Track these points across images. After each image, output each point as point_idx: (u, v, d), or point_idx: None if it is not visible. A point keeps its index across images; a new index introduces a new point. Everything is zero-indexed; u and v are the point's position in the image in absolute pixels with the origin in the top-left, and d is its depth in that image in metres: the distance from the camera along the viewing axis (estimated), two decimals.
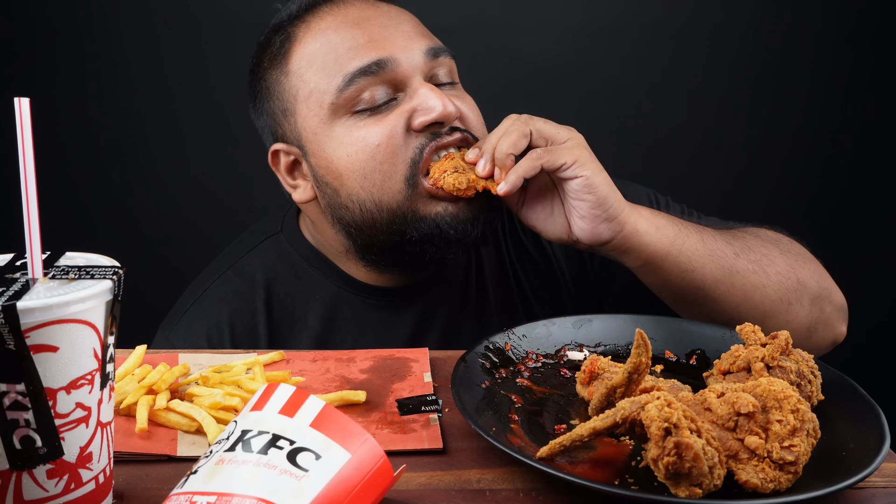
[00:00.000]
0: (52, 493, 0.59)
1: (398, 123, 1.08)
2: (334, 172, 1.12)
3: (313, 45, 1.13)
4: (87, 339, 0.59)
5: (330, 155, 1.12)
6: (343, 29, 1.12)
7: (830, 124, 2.52)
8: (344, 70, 1.09)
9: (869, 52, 2.46)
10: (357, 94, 1.09)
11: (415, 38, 1.13)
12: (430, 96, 1.08)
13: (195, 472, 0.60)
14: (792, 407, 0.69)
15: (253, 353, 0.98)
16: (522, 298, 1.28)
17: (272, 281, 1.23)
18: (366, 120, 1.09)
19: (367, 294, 1.23)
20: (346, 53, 1.10)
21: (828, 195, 2.56)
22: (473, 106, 1.17)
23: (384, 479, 0.63)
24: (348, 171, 1.11)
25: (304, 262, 1.24)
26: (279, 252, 1.26)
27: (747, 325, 0.86)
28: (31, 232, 0.60)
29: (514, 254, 1.30)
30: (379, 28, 1.12)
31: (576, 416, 0.83)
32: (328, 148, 1.12)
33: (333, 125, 1.11)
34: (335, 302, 1.23)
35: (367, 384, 0.91)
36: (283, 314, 1.22)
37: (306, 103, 1.13)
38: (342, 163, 1.11)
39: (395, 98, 1.11)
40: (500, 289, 1.28)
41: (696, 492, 0.65)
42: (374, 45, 1.10)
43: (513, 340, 0.95)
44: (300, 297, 1.23)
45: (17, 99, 0.59)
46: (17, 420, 0.56)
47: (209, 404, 0.81)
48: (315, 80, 1.11)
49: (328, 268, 1.23)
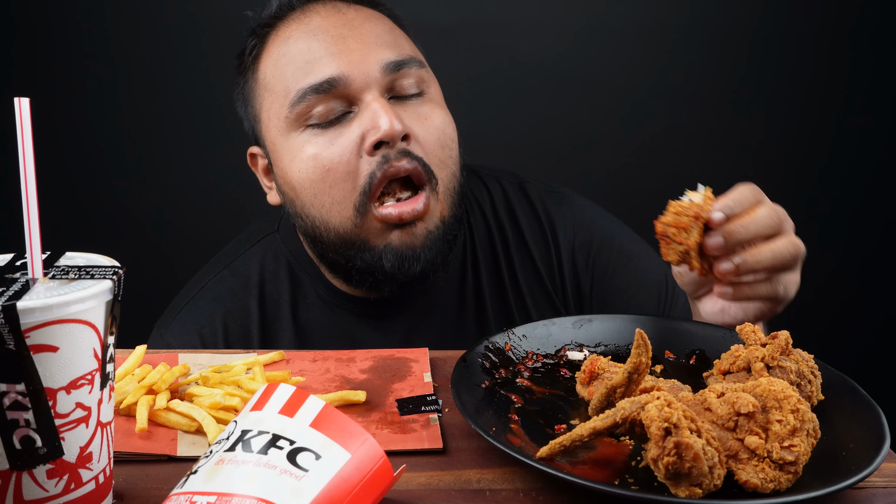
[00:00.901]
0: (52, 493, 0.59)
1: (348, 146, 1.07)
2: (289, 184, 1.13)
3: (276, 54, 1.13)
4: (87, 339, 0.59)
5: (285, 167, 1.13)
6: (302, 40, 1.11)
7: (830, 124, 2.52)
8: (298, 85, 1.09)
9: (869, 53, 2.47)
10: (308, 109, 1.08)
11: (375, 49, 1.10)
12: (378, 114, 1.06)
13: (195, 472, 0.60)
14: (792, 407, 0.69)
15: (253, 353, 0.98)
16: (522, 313, 1.26)
17: (266, 281, 1.24)
18: (318, 137, 1.09)
19: (351, 303, 1.22)
20: (302, 68, 1.09)
21: (828, 196, 2.56)
22: (436, 124, 1.12)
23: (384, 479, 0.63)
24: (301, 187, 1.11)
25: (296, 264, 1.24)
26: (274, 252, 1.26)
27: (747, 325, 0.86)
28: (31, 232, 0.60)
29: (518, 268, 1.28)
30: (337, 40, 1.10)
31: (576, 416, 0.83)
32: (284, 159, 1.12)
33: (288, 137, 1.11)
34: (324, 308, 1.22)
35: (367, 384, 0.91)
36: (276, 315, 1.22)
37: (268, 113, 1.14)
38: (295, 177, 1.11)
39: (350, 111, 1.09)
40: (499, 302, 1.27)
41: (696, 492, 0.65)
42: (328, 61, 1.08)
43: (513, 340, 0.95)
44: (292, 298, 1.23)
45: (17, 99, 0.59)
46: (17, 420, 0.56)
47: (209, 404, 0.81)
48: (274, 91, 1.12)
49: (317, 274, 1.23)
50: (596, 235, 1.31)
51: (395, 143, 1.06)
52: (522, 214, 1.31)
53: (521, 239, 1.30)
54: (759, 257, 0.90)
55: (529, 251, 1.29)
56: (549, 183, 1.39)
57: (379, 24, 1.14)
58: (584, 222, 1.32)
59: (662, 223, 0.88)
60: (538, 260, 1.29)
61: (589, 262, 1.30)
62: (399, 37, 1.16)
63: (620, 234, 1.34)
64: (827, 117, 2.51)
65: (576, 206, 1.34)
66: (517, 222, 1.31)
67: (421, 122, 1.11)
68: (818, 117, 2.51)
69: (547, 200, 1.33)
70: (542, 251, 1.29)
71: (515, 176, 1.37)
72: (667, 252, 0.89)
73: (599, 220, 1.35)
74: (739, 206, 0.89)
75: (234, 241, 1.33)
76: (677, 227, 0.87)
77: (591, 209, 1.36)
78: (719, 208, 0.88)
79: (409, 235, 1.09)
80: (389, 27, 1.15)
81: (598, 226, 1.33)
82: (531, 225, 1.31)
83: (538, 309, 1.26)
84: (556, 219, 1.31)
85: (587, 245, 1.30)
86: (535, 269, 1.28)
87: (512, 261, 1.28)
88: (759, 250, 0.90)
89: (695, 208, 0.87)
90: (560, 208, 1.33)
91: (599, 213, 1.37)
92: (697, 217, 0.87)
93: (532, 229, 1.30)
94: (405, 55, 1.12)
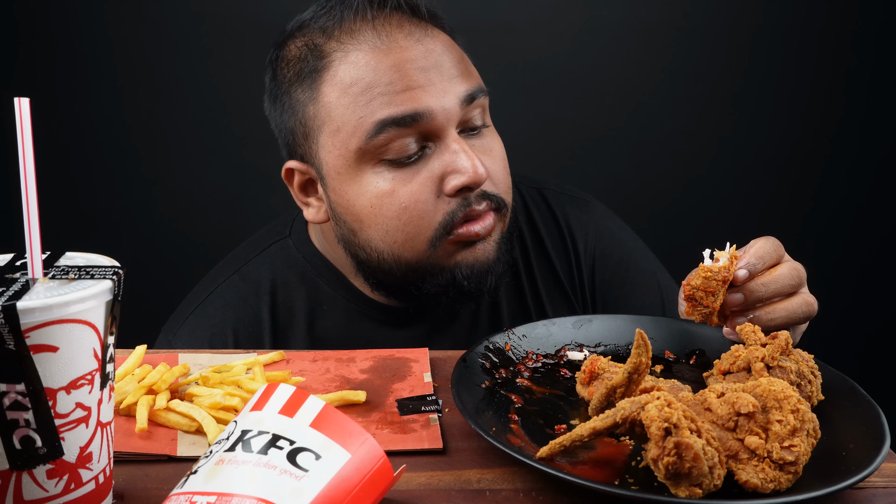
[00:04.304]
0: (52, 493, 0.59)
1: (426, 187, 1.05)
2: (354, 216, 1.09)
3: (348, 79, 1.06)
4: (87, 339, 0.59)
5: (351, 199, 1.08)
6: (381, 69, 1.05)
7: (831, 126, 2.52)
8: (376, 116, 1.04)
9: (871, 55, 2.47)
10: (386, 142, 1.04)
11: (454, 82, 1.07)
12: (461, 158, 1.04)
13: (195, 472, 0.60)
14: (792, 407, 0.69)
15: (253, 353, 0.98)
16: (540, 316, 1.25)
17: (278, 287, 1.20)
18: (393, 172, 1.05)
19: (375, 310, 1.20)
20: (380, 99, 1.04)
21: (828, 198, 2.56)
22: (499, 153, 1.13)
23: (384, 479, 0.63)
24: (370, 220, 1.08)
25: (311, 270, 1.21)
26: (286, 258, 1.23)
27: (747, 325, 0.86)
28: (31, 232, 0.60)
29: (538, 275, 1.27)
30: (418, 73, 1.05)
31: (576, 416, 0.83)
32: (350, 191, 1.08)
33: (358, 169, 1.07)
34: (343, 315, 1.20)
35: (367, 384, 0.91)
36: (289, 322, 1.19)
37: (332, 139, 1.07)
38: (364, 211, 1.08)
39: (426, 147, 1.06)
40: (518, 309, 1.26)
41: (696, 492, 0.65)
42: (410, 95, 1.04)
43: (513, 340, 0.95)
44: (306, 305, 1.20)
45: (17, 99, 0.59)
46: (17, 420, 0.56)
47: (209, 404, 0.81)
48: (344, 119, 1.06)
49: (337, 280, 1.20)
50: (616, 249, 1.31)
51: (477, 188, 1.06)
52: (542, 221, 1.30)
53: (541, 246, 1.29)
54: (773, 315, 0.91)
55: (550, 258, 1.28)
56: (569, 187, 1.37)
57: (452, 53, 1.10)
58: (605, 233, 1.31)
59: (692, 287, 0.89)
60: (559, 267, 1.28)
61: (607, 275, 1.29)
62: (467, 62, 1.13)
63: (637, 249, 1.34)
64: (828, 117, 2.51)
65: (598, 215, 1.33)
66: (536, 229, 1.29)
67: (489, 155, 1.10)
68: (820, 117, 2.51)
69: (567, 207, 1.32)
70: (563, 259, 1.28)
71: (534, 181, 1.35)
72: (692, 313, 0.90)
73: (620, 234, 1.33)
74: (763, 263, 0.91)
75: (243, 245, 1.29)
76: (705, 292, 0.89)
77: (613, 220, 1.35)
78: (743, 266, 0.90)
79: (481, 252, 1.09)
80: (459, 55, 1.11)
81: (619, 239, 1.32)
82: (551, 232, 1.29)
83: (558, 316, 1.26)
84: (576, 227, 1.30)
85: (606, 257, 1.30)
86: (555, 276, 1.27)
87: (532, 268, 1.27)
88: (774, 308, 0.91)
89: (723, 273, 0.88)
90: (581, 216, 1.31)
91: (620, 224, 1.35)
92: (725, 281, 0.89)
93: (552, 236, 1.29)
94: (475, 85, 1.09)
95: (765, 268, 0.91)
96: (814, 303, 0.93)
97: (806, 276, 0.93)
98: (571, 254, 1.28)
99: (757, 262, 0.90)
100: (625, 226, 1.36)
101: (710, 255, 0.90)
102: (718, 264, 0.89)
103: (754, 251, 0.91)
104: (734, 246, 0.92)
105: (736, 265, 0.90)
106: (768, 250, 0.91)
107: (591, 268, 1.29)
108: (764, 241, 0.92)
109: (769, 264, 0.91)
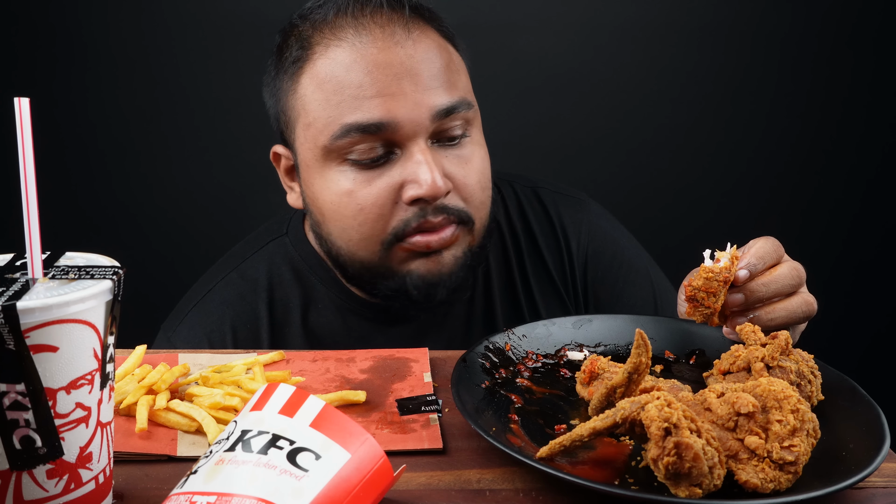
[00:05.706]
0: (52, 493, 0.59)
1: (385, 192, 1.06)
2: (318, 209, 1.12)
3: (323, 74, 1.06)
4: (87, 339, 0.59)
5: (317, 192, 1.11)
6: (355, 70, 1.04)
7: (830, 126, 2.52)
8: (343, 119, 1.04)
9: (870, 55, 2.47)
10: (351, 145, 1.05)
11: (430, 94, 1.05)
12: (422, 169, 1.04)
13: (195, 472, 0.60)
14: (792, 407, 0.69)
15: (253, 353, 0.98)
16: (535, 319, 1.25)
17: (275, 285, 1.22)
18: (356, 173, 1.06)
19: (365, 308, 1.21)
20: (350, 102, 1.04)
21: (828, 197, 2.56)
22: (477, 166, 1.11)
23: (384, 479, 0.63)
24: (330, 216, 1.10)
25: (307, 268, 1.23)
26: (283, 255, 1.24)
27: (747, 325, 0.86)
28: (31, 232, 0.60)
29: (531, 273, 1.27)
30: (391, 80, 1.04)
31: (576, 416, 0.83)
32: (316, 185, 1.11)
33: (325, 165, 1.08)
34: (335, 312, 1.21)
35: (367, 384, 0.91)
36: (286, 319, 1.20)
37: (304, 132, 1.10)
38: (326, 206, 1.10)
39: (393, 152, 1.06)
40: (511, 308, 1.26)
41: (696, 492, 0.65)
42: (379, 103, 1.03)
43: (513, 340, 0.95)
44: (302, 302, 1.21)
45: (17, 99, 0.59)
46: (17, 420, 0.56)
47: (209, 404, 0.81)
48: (315, 115, 1.07)
49: (330, 278, 1.22)
50: (609, 247, 1.31)
51: (434, 202, 1.06)
52: (535, 220, 1.30)
53: (534, 245, 1.29)
54: (773, 315, 0.91)
55: (542, 257, 1.28)
56: (563, 186, 1.37)
57: (436, 60, 1.07)
58: (597, 231, 1.31)
59: (693, 287, 0.89)
60: (551, 266, 1.28)
61: (599, 273, 1.29)
62: (454, 71, 1.10)
63: (629, 247, 1.34)
64: (828, 116, 2.51)
65: (591, 214, 1.33)
66: (530, 228, 1.29)
67: (462, 165, 1.09)
68: (819, 117, 2.51)
69: (561, 206, 1.32)
70: (556, 257, 1.29)
71: (529, 180, 1.36)
72: (693, 314, 0.90)
73: (613, 232, 1.34)
74: (763, 263, 0.91)
75: (241, 243, 1.31)
76: (707, 293, 0.89)
77: (606, 219, 1.35)
78: (744, 266, 0.90)
79: (435, 263, 1.09)
80: (446, 61, 1.09)
81: (612, 237, 1.32)
82: (544, 231, 1.30)
83: (551, 315, 1.26)
84: (570, 225, 1.30)
85: (599, 255, 1.30)
86: (548, 274, 1.28)
87: (525, 266, 1.27)
88: (774, 308, 0.91)
89: (724, 273, 0.89)
90: (575, 215, 1.31)
91: (613, 223, 1.36)
92: (726, 282, 0.89)
93: (545, 235, 1.29)
94: (456, 99, 1.07)
95: (765, 268, 0.91)
96: (813, 302, 0.93)
97: (805, 275, 0.93)
98: (564, 252, 1.29)
99: (757, 263, 0.90)
100: (618, 224, 1.37)
101: (711, 255, 0.91)
102: (719, 265, 0.89)
103: (755, 251, 0.91)
104: (735, 246, 0.92)
105: (737, 265, 0.90)
106: (768, 250, 0.92)
107: (584, 265, 1.29)
108: (764, 241, 0.93)
109: (769, 264, 0.92)
